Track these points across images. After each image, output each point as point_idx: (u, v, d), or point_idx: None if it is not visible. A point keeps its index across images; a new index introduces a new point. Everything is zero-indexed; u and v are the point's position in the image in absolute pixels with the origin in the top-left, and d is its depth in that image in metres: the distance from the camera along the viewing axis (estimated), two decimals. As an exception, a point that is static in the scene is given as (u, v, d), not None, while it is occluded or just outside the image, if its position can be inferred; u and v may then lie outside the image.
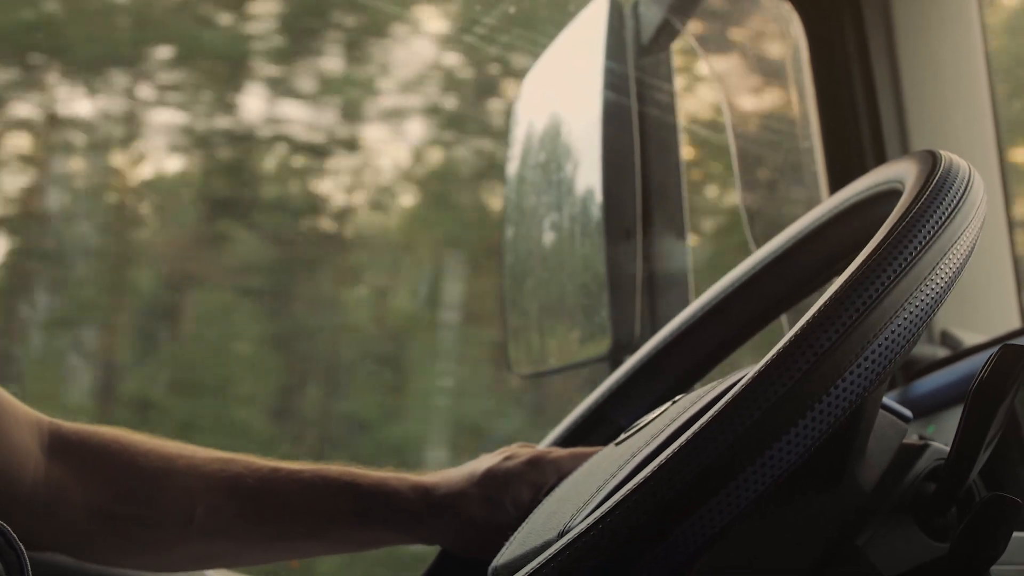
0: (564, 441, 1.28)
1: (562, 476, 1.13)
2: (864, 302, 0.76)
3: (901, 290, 0.77)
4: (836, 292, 0.77)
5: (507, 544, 1.02)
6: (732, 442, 0.72)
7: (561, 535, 0.84)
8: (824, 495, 0.86)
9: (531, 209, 2.04)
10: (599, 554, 0.73)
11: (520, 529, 1.03)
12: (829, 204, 1.12)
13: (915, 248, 0.79)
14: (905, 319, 0.76)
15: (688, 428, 0.75)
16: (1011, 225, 1.55)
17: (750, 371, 0.76)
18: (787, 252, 1.17)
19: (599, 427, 1.28)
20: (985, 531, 0.82)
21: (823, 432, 0.73)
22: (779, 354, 0.75)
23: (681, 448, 0.73)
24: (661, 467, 0.73)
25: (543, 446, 1.27)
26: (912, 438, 0.92)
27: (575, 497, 0.95)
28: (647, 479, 0.73)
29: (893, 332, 0.76)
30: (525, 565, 0.77)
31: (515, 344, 2.01)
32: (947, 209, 0.82)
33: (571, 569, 0.74)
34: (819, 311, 0.76)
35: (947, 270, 0.79)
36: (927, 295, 0.78)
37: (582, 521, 0.75)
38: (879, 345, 0.75)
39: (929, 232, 0.80)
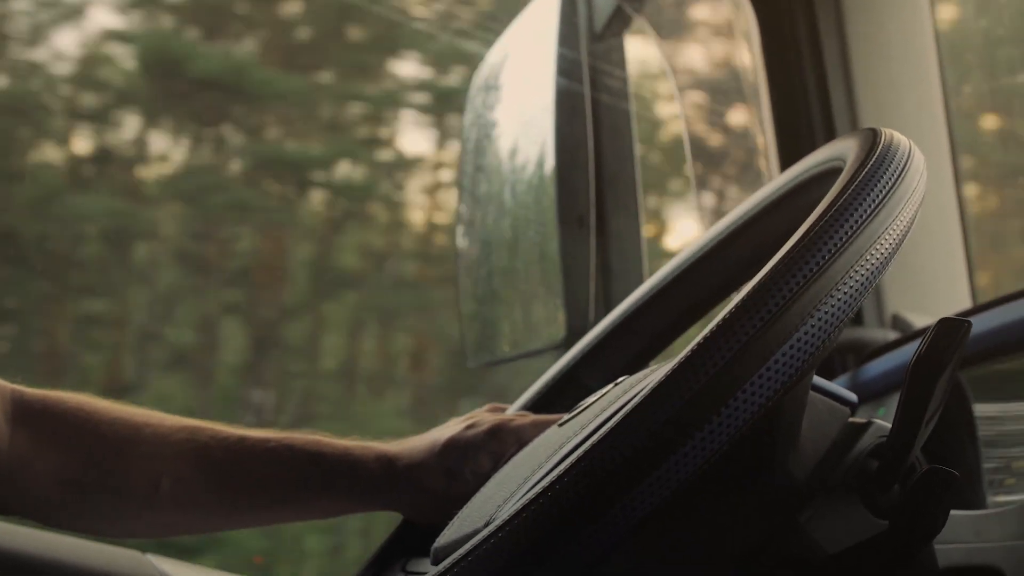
0: (535, 404, 1.29)
1: (522, 445, 1.14)
2: (788, 291, 0.75)
3: (829, 276, 0.76)
4: (757, 284, 0.76)
5: (449, 525, 1.02)
6: (633, 449, 0.72)
7: (486, 525, 0.84)
8: (754, 486, 0.85)
9: (485, 197, 2.03)
10: (516, 548, 0.73)
11: (462, 511, 1.03)
12: (775, 184, 1.12)
13: (846, 232, 0.78)
14: (828, 311, 0.75)
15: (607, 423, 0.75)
16: (962, 206, 1.55)
17: (665, 368, 0.75)
18: (736, 231, 1.17)
19: (569, 389, 1.28)
20: (923, 505, 0.82)
21: (744, 424, 0.73)
22: (697, 347, 0.74)
23: (593, 447, 0.73)
24: (575, 464, 0.73)
25: (513, 409, 1.27)
26: (862, 419, 0.91)
27: (508, 483, 0.95)
28: (562, 475, 0.74)
29: (812, 328, 0.75)
30: (458, 549, 0.77)
31: (470, 332, 2.00)
32: (882, 191, 0.81)
33: (491, 560, 0.74)
34: (739, 303, 0.75)
35: (880, 252, 0.78)
36: (856, 280, 0.77)
37: (504, 514, 0.76)
38: (783, 354, 0.74)
39: (862, 216, 0.79)
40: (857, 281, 0.77)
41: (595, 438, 0.74)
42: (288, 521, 1.27)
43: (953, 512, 0.83)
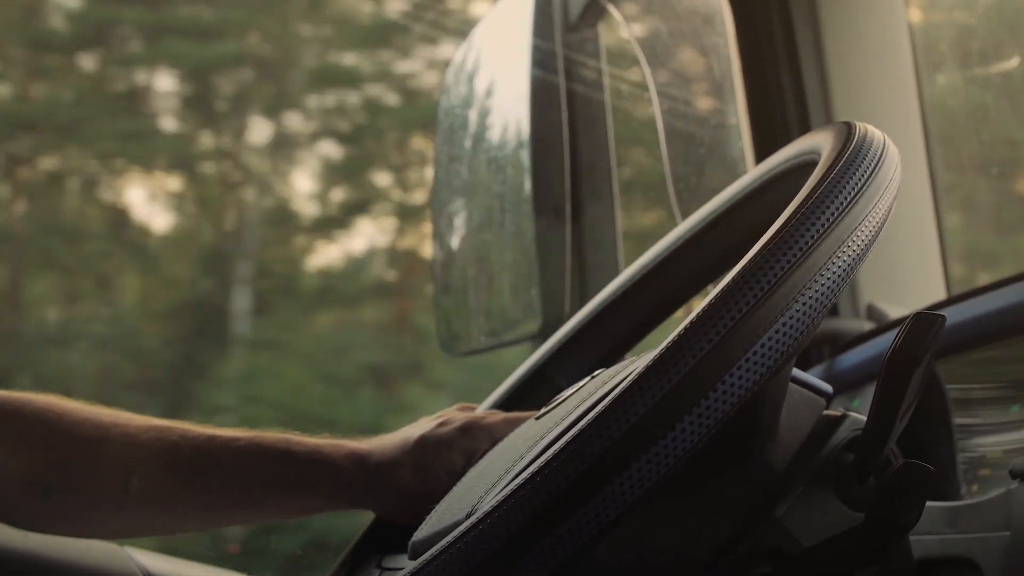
0: (505, 403, 1.29)
1: (495, 442, 1.14)
2: (765, 285, 0.75)
3: (811, 263, 0.76)
4: (739, 271, 0.76)
5: (427, 519, 1.02)
6: (621, 435, 0.72)
7: (468, 516, 0.84)
8: (732, 476, 0.86)
9: (461, 188, 2.03)
10: (500, 537, 0.73)
11: (439, 504, 1.03)
12: (749, 177, 1.12)
13: (826, 221, 0.78)
14: (809, 298, 0.76)
15: (589, 413, 0.75)
16: (936, 197, 1.56)
17: (647, 357, 0.75)
18: (711, 224, 1.17)
19: (540, 387, 1.28)
20: (898, 499, 0.82)
21: (726, 413, 0.73)
22: (680, 335, 0.74)
23: (577, 435, 0.73)
24: (558, 453, 0.73)
25: (483, 408, 1.27)
26: (837, 412, 0.91)
27: (488, 475, 0.95)
28: (547, 463, 0.74)
29: (794, 315, 0.75)
30: (437, 542, 0.77)
31: (446, 323, 2.01)
32: (859, 182, 0.81)
33: (474, 551, 0.74)
34: (721, 291, 0.75)
35: (859, 242, 0.79)
36: (836, 269, 0.77)
37: (487, 504, 0.76)
38: (769, 338, 0.74)
39: (840, 206, 0.79)
40: (837, 270, 0.77)
41: (580, 426, 0.74)
42: (260, 520, 1.28)
43: (928, 503, 0.84)
